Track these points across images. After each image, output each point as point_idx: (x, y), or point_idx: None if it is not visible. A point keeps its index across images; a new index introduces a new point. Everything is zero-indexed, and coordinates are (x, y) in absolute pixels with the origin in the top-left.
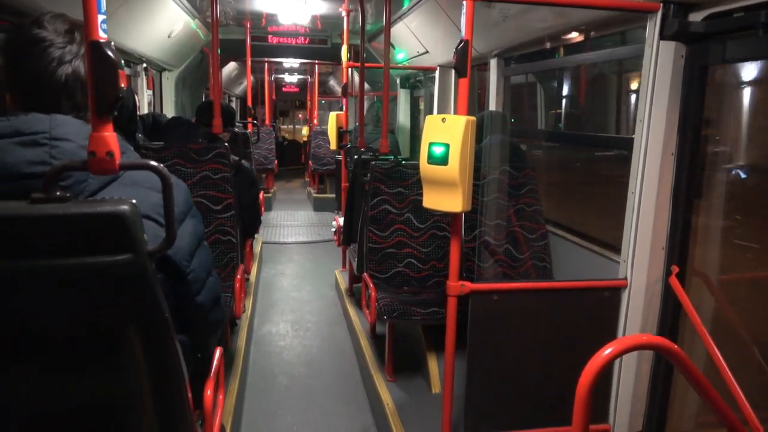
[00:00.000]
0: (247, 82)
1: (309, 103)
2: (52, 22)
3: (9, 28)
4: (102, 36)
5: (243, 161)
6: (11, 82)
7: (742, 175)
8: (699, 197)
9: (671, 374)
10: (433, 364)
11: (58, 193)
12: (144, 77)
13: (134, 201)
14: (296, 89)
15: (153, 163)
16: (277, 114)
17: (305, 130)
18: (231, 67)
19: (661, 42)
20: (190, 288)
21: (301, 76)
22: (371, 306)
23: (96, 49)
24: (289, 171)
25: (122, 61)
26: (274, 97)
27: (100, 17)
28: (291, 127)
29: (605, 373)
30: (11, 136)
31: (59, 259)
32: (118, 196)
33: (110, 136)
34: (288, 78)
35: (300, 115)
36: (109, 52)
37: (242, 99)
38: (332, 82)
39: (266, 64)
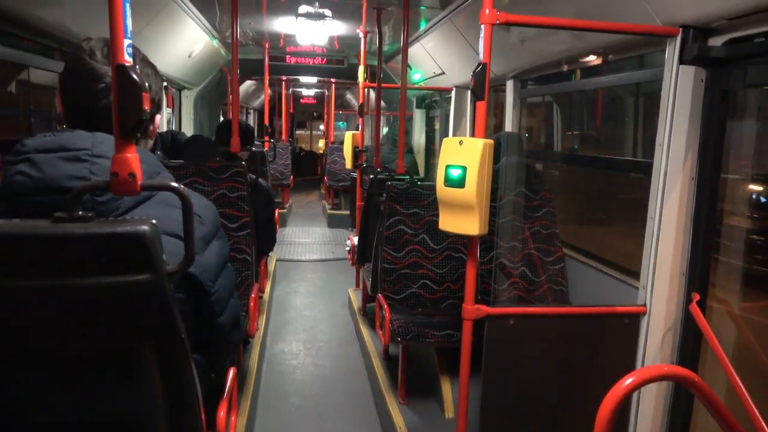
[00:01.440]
0: (264, 99)
1: (326, 116)
2: (105, 51)
3: (70, 50)
4: (127, 60)
5: (260, 180)
6: (62, 99)
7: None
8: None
9: (691, 405)
10: (446, 388)
11: (80, 213)
12: (164, 96)
13: (154, 222)
14: (314, 101)
15: (173, 184)
16: (295, 125)
17: (321, 143)
18: (249, 81)
19: (681, 66)
20: (213, 308)
21: (318, 90)
22: (385, 327)
23: (121, 72)
24: (306, 182)
25: (146, 84)
26: (291, 110)
27: (126, 41)
28: (308, 133)
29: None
30: (57, 150)
31: (79, 277)
32: (150, 214)
33: (133, 157)
34: (305, 92)
35: (308, 123)
36: (134, 76)
37: (260, 111)
38: (349, 96)
39: (284, 80)
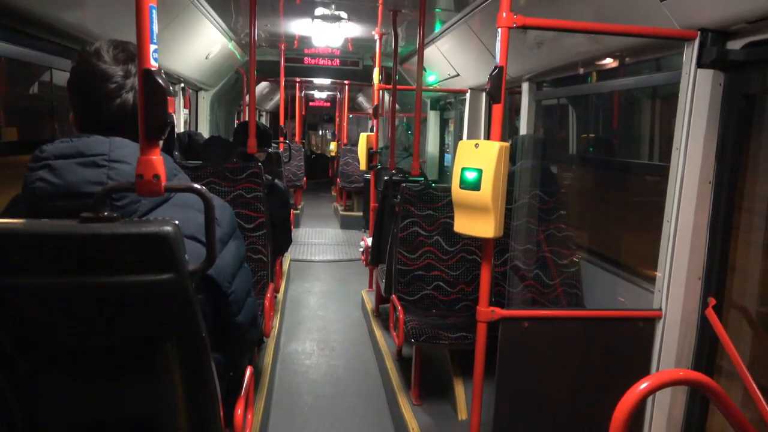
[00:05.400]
0: (280, 102)
1: (338, 119)
2: (112, 52)
3: (77, 53)
4: (153, 64)
5: (276, 180)
6: (73, 104)
7: None
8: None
9: (706, 411)
10: (459, 390)
11: (106, 213)
12: (182, 97)
13: (177, 222)
14: (327, 104)
15: (196, 186)
16: (306, 128)
17: (333, 146)
18: (263, 84)
19: (699, 70)
20: (230, 308)
21: (330, 93)
22: (399, 328)
23: (147, 77)
24: (317, 184)
25: (171, 88)
26: (303, 112)
27: (152, 47)
28: (319, 137)
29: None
30: (74, 156)
31: (105, 276)
32: (168, 216)
33: (157, 159)
34: (317, 94)
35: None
36: (159, 80)
37: (273, 113)
38: (361, 99)
39: (298, 82)
